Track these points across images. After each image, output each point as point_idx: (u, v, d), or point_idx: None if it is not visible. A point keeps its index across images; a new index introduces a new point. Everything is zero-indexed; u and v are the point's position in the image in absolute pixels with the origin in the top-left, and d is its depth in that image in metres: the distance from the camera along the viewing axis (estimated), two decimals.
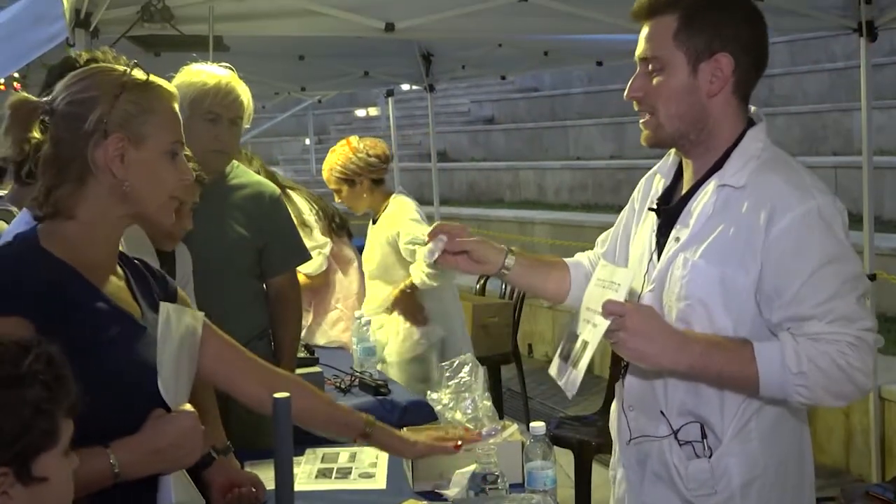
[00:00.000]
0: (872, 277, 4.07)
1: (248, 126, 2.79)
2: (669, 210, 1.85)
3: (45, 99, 1.55)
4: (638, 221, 1.98)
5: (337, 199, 3.93)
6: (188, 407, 1.57)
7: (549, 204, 9.81)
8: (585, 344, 1.72)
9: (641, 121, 1.82)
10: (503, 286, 5.61)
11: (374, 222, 3.98)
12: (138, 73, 1.55)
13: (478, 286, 5.73)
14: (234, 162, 2.86)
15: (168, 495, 1.55)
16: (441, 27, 3.97)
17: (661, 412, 1.81)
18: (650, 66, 1.77)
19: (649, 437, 1.83)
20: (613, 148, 10.18)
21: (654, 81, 1.77)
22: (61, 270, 1.50)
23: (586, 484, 3.63)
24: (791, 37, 9.39)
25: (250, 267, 2.83)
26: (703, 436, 1.76)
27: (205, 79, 2.65)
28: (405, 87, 9.05)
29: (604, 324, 1.65)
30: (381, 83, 6.90)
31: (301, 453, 2.57)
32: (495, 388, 4.94)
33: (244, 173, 2.88)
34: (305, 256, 3.02)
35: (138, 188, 1.53)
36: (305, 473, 2.46)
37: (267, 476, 2.33)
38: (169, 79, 2.71)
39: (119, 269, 1.62)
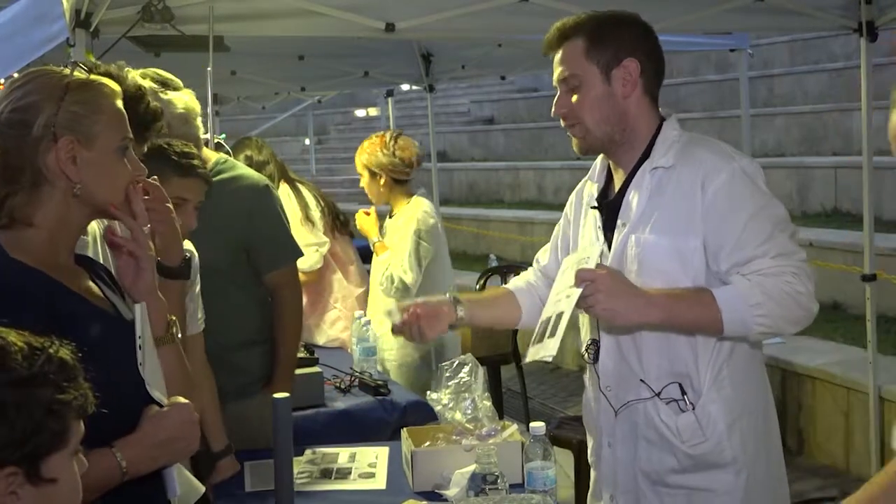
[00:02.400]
0: (872, 277, 4.07)
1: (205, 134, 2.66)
2: (610, 203, 2.06)
3: None
4: (578, 227, 2.17)
5: (361, 184, 3.93)
6: (182, 399, 1.57)
7: (548, 204, 9.80)
8: (560, 314, 1.86)
9: (569, 132, 2.05)
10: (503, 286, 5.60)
11: (390, 216, 3.95)
12: (79, 73, 1.53)
13: (477, 286, 5.73)
14: (222, 156, 2.80)
15: (173, 488, 1.57)
16: (441, 27, 3.97)
17: (641, 380, 1.99)
18: (569, 85, 2.01)
19: (634, 402, 2.00)
20: None
21: (576, 97, 2.01)
22: (36, 279, 1.48)
23: (586, 484, 3.62)
24: (791, 37, 9.40)
25: (240, 266, 2.75)
26: (683, 393, 1.96)
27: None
28: (405, 87, 9.04)
29: (576, 292, 1.82)
30: (381, 83, 6.90)
31: (301, 453, 2.57)
32: (495, 388, 4.94)
33: (231, 167, 2.80)
34: (296, 253, 2.90)
35: (93, 188, 1.51)
36: (305, 473, 2.46)
37: (268, 476, 2.33)
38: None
39: (76, 266, 1.60)
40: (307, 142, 13.95)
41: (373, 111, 14.55)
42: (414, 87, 8.29)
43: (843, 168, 7.20)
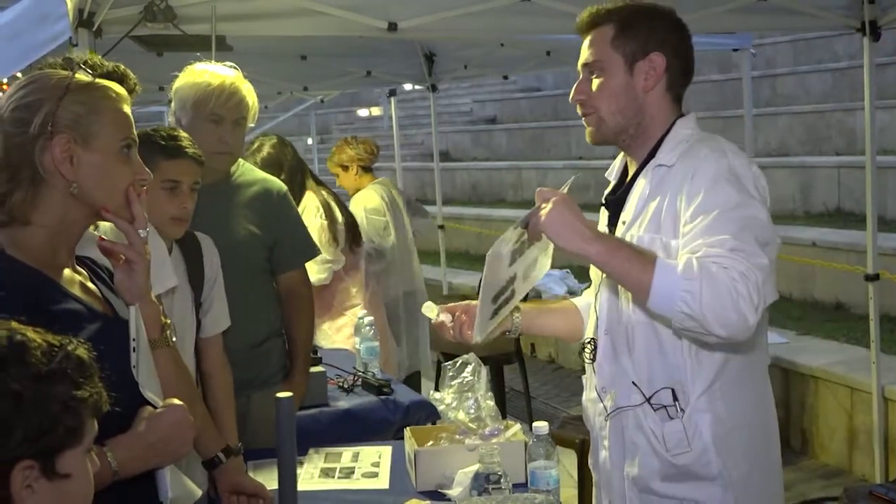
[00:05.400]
0: (876, 277, 4.06)
1: (252, 125, 2.78)
2: (615, 200, 2.05)
3: None
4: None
5: (337, 183, 4.86)
6: (176, 401, 1.58)
7: None
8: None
9: (584, 119, 2.02)
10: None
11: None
12: (82, 75, 1.53)
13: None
14: (240, 160, 2.85)
15: (165, 489, 1.57)
16: (444, 27, 3.97)
17: (633, 383, 1.94)
18: (591, 71, 1.98)
19: (625, 408, 1.96)
20: (615, 148, 10.16)
21: (596, 84, 1.97)
22: (33, 277, 1.49)
23: (589, 484, 3.62)
24: (794, 36, 9.40)
25: (261, 264, 2.82)
26: (675, 399, 1.90)
27: (208, 79, 2.63)
28: (408, 86, 9.04)
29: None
30: (384, 83, 6.91)
31: (304, 453, 2.58)
32: (498, 387, 4.94)
33: (250, 171, 2.87)
34: (315, 252, 3.02)
35: (90, 189, 1.51)
36: (309, 473, 2.46)
37: (271, 476, 2.33)
38: (172, 79, 2.71)
39: (77, 267, 1.61)
40: (310, 141, 13.92)
41: (375, 111, 14.55)
42: (416, 87, 8.30)
43: (847, 168, 7.20)
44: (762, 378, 2.01)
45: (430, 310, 2.13)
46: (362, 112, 14.94)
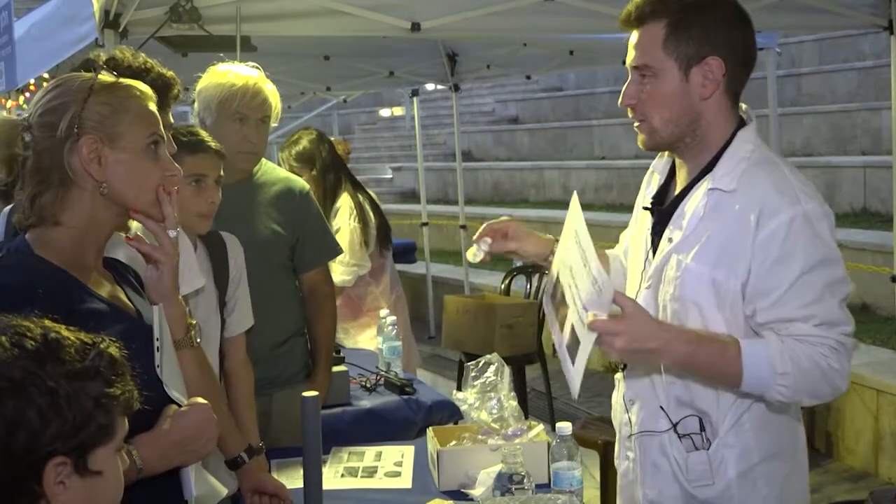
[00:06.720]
0: None
1: (275, 125, 2.79)
2: (663, 210, 1.90)
3: (24, 115, 1.56)
4: (635, 218, 2.06)
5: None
6: (201, 400, 1.59)
7: None
8: (578, 344, 1.69)
9: (636, 125, 1.87)
10: (528, 286, 5.60)
11: None
12: (106, 76, 1.55)
13: (502, 286, 5.72)
14: (262, 160, 2.87)
15: (189, 487, 1.58)
16: (466, 27, 3.97)
17: (661, 407, 1.86)
18: (642, 74, 1.81)
19: (650, 432, 1.89)
20: (638, 147, 10.09)
21: (647, 89, 1.81)
22: (61, 277, 1.50)
23: (612, 484, 3.61)
24: (819, 35, 9.31)
25: (284, 263, 2.83)
26: (702, 428, 1.82)
27: (232, 80, 2.65)
28: (430, 86, 9.07)
29: (594, 334, 1.64)
30: (407, 83, 6.93)
31: (327, 452, 2.58)
32: (520, 388, 4.93)
33: (272, 170, 2.89)
34: (337, 251, 3.04)
35: (119, 188, 1.53)
36: (332, 472, 2.47)
37: (294, 475, 2.34)
38: (197, 79, 2.73)
39: (104, 269, 1.63)
40: None
41: (398, 111, 14.57)
42: (439, 87, 8.33)
43: (872, 168, 7.12)
44: (794, 412, 1.89)
45: (473, 254, 2.12)
46: (385, 112, 14.97)
